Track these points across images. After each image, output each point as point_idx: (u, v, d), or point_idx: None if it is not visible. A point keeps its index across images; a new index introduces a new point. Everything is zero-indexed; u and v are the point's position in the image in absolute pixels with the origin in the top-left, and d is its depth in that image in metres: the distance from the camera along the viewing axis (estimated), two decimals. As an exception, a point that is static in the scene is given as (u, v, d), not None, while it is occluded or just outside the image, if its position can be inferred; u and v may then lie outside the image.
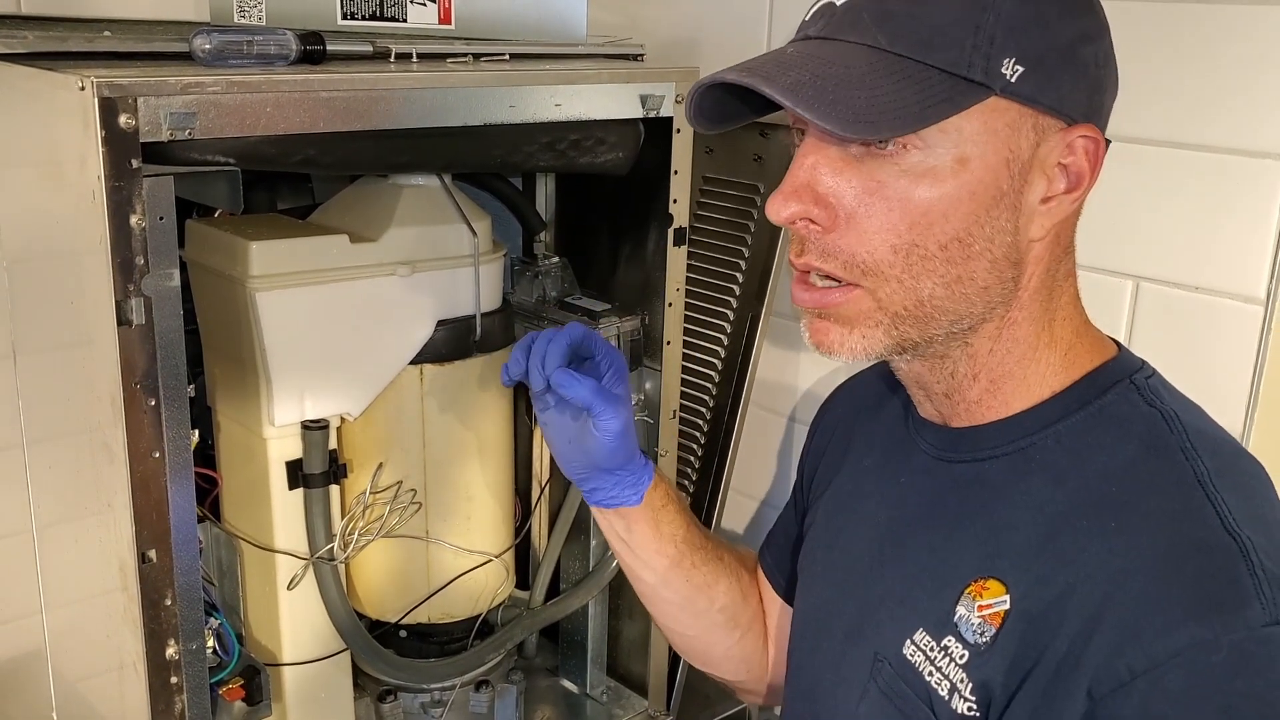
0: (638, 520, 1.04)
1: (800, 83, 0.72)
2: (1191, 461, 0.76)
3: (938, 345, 0.81)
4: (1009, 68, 0.73)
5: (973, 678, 0.77)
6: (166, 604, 0.95)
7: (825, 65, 0.73)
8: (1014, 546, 0.78)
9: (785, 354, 1.48)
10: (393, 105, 0.99)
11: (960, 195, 0.74)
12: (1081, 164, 0.76)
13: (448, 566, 1.23)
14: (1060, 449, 0.80)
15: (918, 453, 0.89)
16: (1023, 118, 0.74)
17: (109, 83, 0.84)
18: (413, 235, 1.14)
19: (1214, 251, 1.09)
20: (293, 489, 1.12)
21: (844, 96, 0.71)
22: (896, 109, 0.72)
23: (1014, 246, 0.77)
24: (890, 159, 0.74)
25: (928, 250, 0.75)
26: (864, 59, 0.73)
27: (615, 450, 0.99)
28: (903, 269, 0.76)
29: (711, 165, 1.45)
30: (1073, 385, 0.82)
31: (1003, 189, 0.75)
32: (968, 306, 0.78)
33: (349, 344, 1.12)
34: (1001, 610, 0.77)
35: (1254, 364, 1.08)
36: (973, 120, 0.73)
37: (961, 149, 0.74)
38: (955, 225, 0.75)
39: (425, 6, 1.17)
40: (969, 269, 0.76)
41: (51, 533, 1.15)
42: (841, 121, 0.71)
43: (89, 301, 0.91)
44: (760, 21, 1.42)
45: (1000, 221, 0.76)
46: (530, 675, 1.40)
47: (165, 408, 0.91)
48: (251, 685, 1.13)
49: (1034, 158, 0.75)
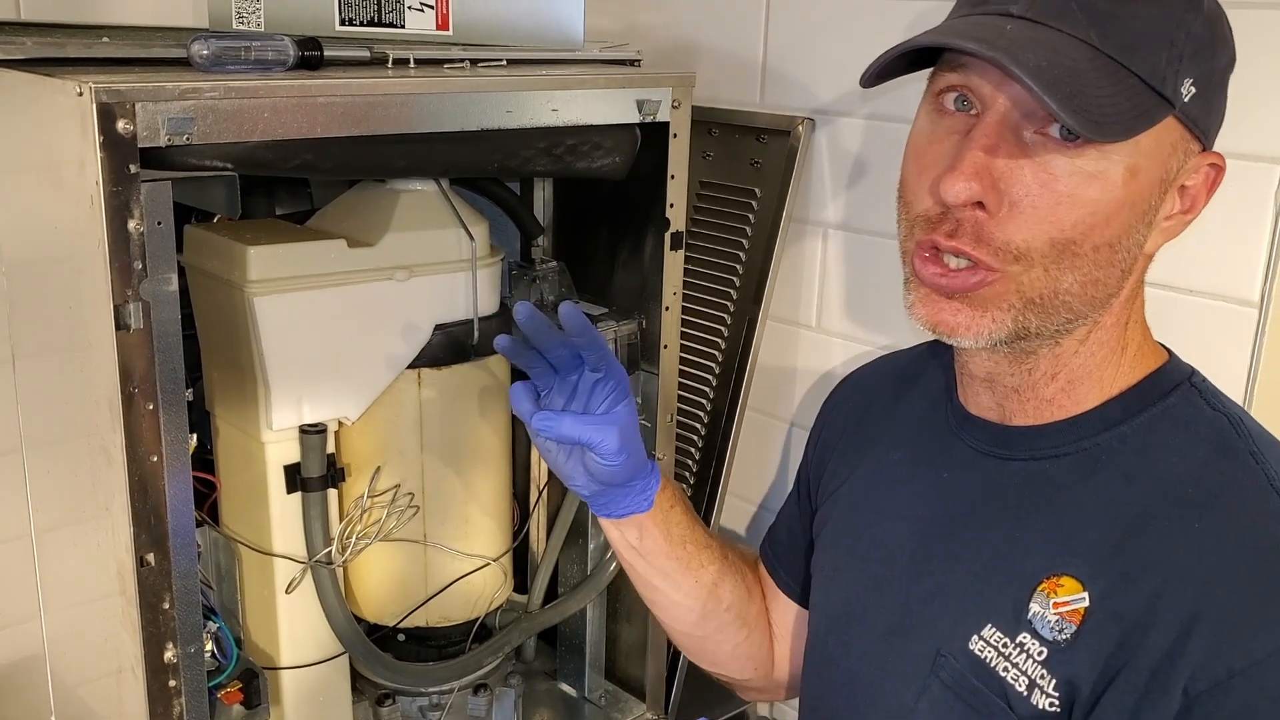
0: (649, 526, 1.02)
1: (1040, 69, 0.70)
2: (1261, 465, 0.78)
3: (1044, 338, 0.81)
4: (1187, 88, 0.74)
5: (1055, 674, 0.78)
6: (165, 607, 0.95)
7: (1053, 54, 0.72)
8: (1087, 544, 0.79)
9: (783, 358, 1.48)
10: (390, 110, 0.99)
11: (1124, 203, 0.75)
12: (1200, 189, 0.79)
13: (446, 570, 1.24)
14: (1126, 449, 0.81)
15: (961, 447, 0.89)
16: (1184, 138, 0.76)
17: (107, 88, 0.84)
18: (410, 240, 1.14)
19: (1208, 254, 1.09)
20: (291, 493, 1.12)
21: (1079, 90, 0.70)
22: (1116, 113, 0.71)
23: (1138, 259, 0.80)
24: (1067, 153, 0.74)
25: (1082, 249, 0.75)
26: (1083, 55, 0.72)
27: (619, 470, 0.96)
28: (1054, 261, 0.76)
29: (708, 170, 1.45)
30: (1134, 387, 0.83)
31: (1152, 203, 0.77)
32: (1090, 307, 0.79)
33: (347, 348, 1.12)
34: (1080, 607, 0.78)
35: (1248, 367, 1.08)
36: (1154, 135, 0.74)
37: (1135, 159, 0.74)
38: (1113, 231, 0.75)
39: (423, 12, 1.18)
40: (1107, 273, 0.77)
41: (50, 537, 1.15)
42: (1081, 118, 0.70)
43: (87, 306, 0.91)
44: (756, 28, 1.42)
45: (1140, 234, 0.78)
46: (528, 679, 1.40)
47: (163, 412, 0.92)
48: (250, 688, 1.13)
49: (1177, 177, 0.78)
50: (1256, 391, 1.08)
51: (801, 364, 1.48)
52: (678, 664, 1.45)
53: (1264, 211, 1.05)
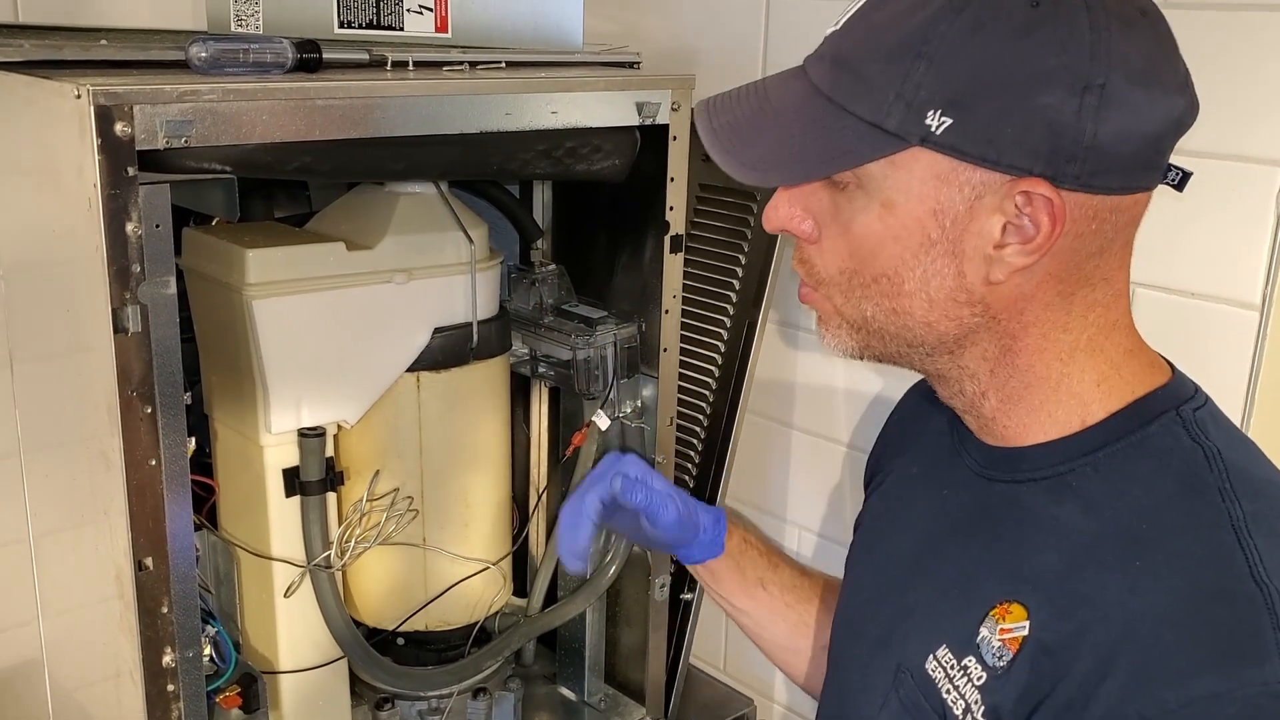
0: (721, 570, 1.11)
1: (721, 128, 0.81)
2: (1228, 504, 0.73)
3: (916, 363, 0.83)
4: (934, 119, 0.72)
5: (986, 701, 0.77)
6: (163, 612, 0.95)
7: (764, 102, 0.80)
8: (1038, 573, 0.78)
9: (783, 360, 1.48)
10: (389, 113, 0.99)
11: (885, 237, 0.77)
12: (1039, 217, 0.73)
13: (445, 574, 1.23)
14: (1098, 478, 0.78)
15: (962, 466, 0.88)
16: (955, 170, 0.73)
17: (105, 91, 0.84)
18: (409, 243, 1.14)
19: (1209, 257, 1.09)
20: (290, 496, 1.12)
21: (755, 140, 0.79)
22: (793, 158, 0.77)
23: (961, 289, 0.77)
24: (841, 191, 0.78)
25: (865, 279, 0.79)
26: (800, 99, 0.78)
27: (679, 534, 1.07)
28: (846, 289, 0.81)
29: (708, 172, 1.44)
30: (1117, 413, 0.79)
31: (931, 237, 0.76)
32: (915, 335, 0.80)
33: (346, 351, 1.12)
34: (1020, 636, 0.76)
35: (1250, 370, 1.08)
36: (900, 169, 0.74)
37: (886, 194, 0.76)
38: (884, 263, 0.78)
39: (422, 15, 1.17)
40: (904, 304, 0.79)
41: (48, 541, 1.14)
42: (738, 166, 0.78)
43: (85, 309, 0.91)
44: (756, 31, 1.42)
45: (935, 265, 0.77)
46: (528, 683, 1.39)
47: (162, 415, 0.91)
48: (248, 693, 1.13)
49: (974, 209, 0.74)
50: (1258, 395, 1.08)
51: (801, 367, 1.47)
52: (678, 668, 1.45)
53: (1265, 215, 1.05)
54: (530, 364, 1.32)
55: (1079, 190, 0.73)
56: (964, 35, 0.71)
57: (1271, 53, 1.03)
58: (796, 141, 0.77)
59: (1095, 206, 0.74)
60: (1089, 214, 0.74)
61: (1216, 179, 1.08)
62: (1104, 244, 0.77)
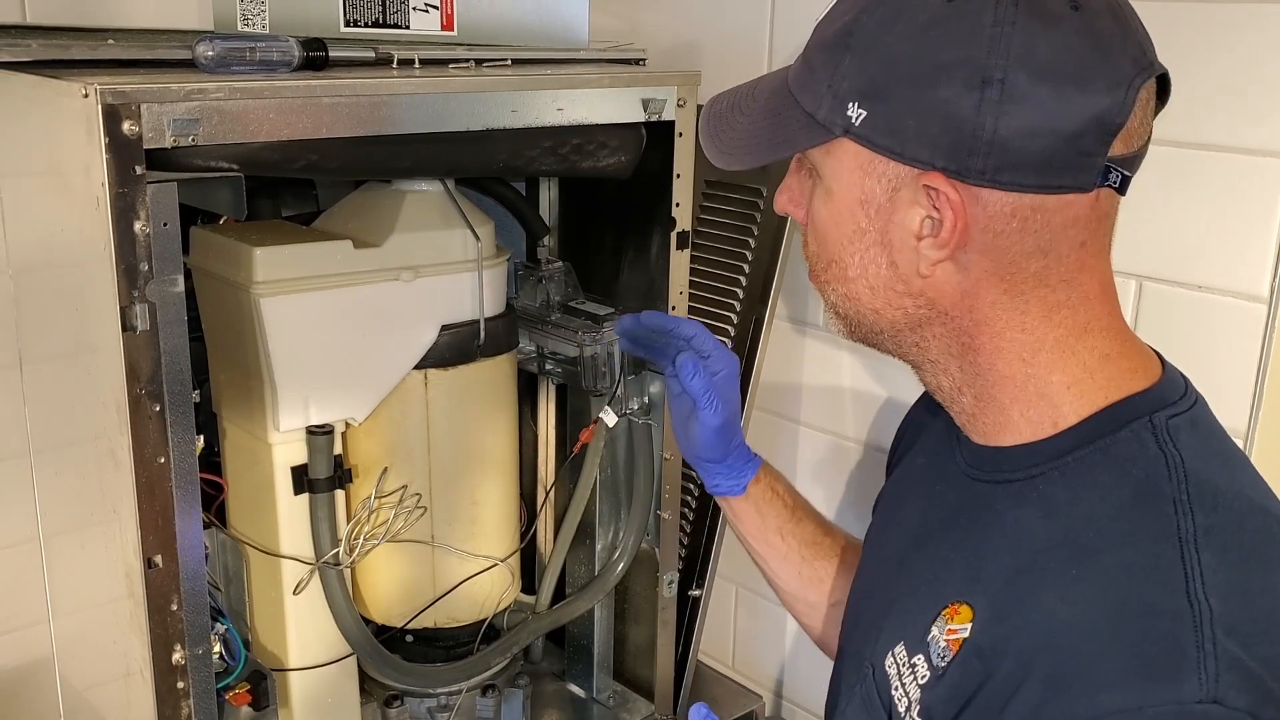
0: (739, 510, 1.11)
1: (716, 113, 0.86)
2: (1180, 516, 0.71)
3: (891, 350, 0.85)
4: (854, 110, 0.74)
5: (923, 700, 0.77)
6: (172, 610, 0.95)
7: (751, 91, 0.85)
8: (990, 575, 0.77)
9: (789, 357, 1.48)
10: (395, 111, 0.99)
11: (827, 224, 0.80)
12: (945, 211, 0.73)
13: (453, 571, 1.24)
14: (1062, 483, 0.77)
15: (953, 463, 0.88)
16: (872, 161, 0.75)
17: (112, 90, 0.84)
18: (416, 240, 1.14)
19: (1217, 250, 1.09)
20: (298, 494, 1.12)
21: (732, 126, 0.84)
22: (754, 143, 0.82)
23: (897, 279, 0.78)
24: (809, 178, 0.82)
25: (824, 262, 0.82)
26: (773, 88, 0.82)
27: (713, 445, 1.07)
28: (819, 272, 0.84)
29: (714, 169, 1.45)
30: (1089, 417, 0.77)
31: (861, 226, 0.78)
32: (869, 321, 0.82)
33: (353, 349, 1.12)
34: (962, 637, 0.76)
35: (1258, 362, 1.08)
36: (833, 158, 0.78)
37: (827, 182, 0.79)
38: (832, 248, 0.81)
39: (427, 13, 1.18)
40: (852, 290, 0.81)
41: (58, 540, 1.15)
42: (715, 150, 0.86)
43: (94, 308, 0.91)
44: (762, 26, 1.42)
45: (869, 254, 0.79)
46: (536, 679, 1.40)
47: (170, 414, 0.92)
48: (258, 690, 1.13)
49: (894, 200, 0.75)
50: (1265, 387, 1.07)
51: (808, 364, 1.47)
52: (686, 665, 1.45)
53: (1273, 207, 1.05)
54: (537, 361, 1.32)
55: (987, 186, 0.72)
56: (882, 27, 0.73)
57: (1277, 45, 1.03)
58: (757, 127, 0.82)
59: (1013, 204, 0.73)
60: (1006, 212, 0.73)
61: (1224, 172, 1.07)
62: (1043, 245, 0.74)
